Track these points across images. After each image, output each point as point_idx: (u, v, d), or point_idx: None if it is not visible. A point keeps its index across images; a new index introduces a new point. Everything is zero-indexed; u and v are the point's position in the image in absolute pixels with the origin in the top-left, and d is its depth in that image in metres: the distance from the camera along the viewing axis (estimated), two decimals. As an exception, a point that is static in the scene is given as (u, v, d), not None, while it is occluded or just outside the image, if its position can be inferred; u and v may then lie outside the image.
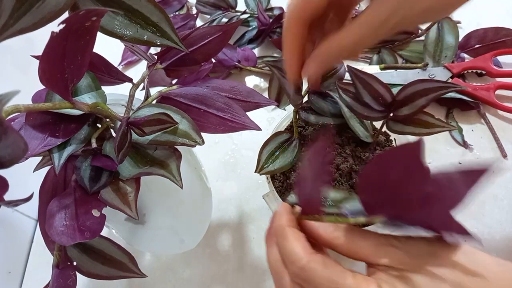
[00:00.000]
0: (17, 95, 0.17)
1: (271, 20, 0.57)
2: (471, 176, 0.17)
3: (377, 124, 0.41)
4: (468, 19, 0.57)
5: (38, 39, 0.27)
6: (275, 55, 0.59)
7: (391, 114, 0.34)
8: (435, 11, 0.23)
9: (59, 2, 0.20)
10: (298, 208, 0.23)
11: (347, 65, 0.34)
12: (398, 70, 0.52)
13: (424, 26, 0.53)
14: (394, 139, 0.41)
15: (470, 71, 0.51)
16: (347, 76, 0.36)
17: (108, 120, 0.30)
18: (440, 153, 0.47)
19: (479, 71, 0.51)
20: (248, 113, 0.31)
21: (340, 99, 0.35)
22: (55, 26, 0.19)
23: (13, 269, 0.45)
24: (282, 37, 0.26)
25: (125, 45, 0.33)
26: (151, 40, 0.25)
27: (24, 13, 0.19)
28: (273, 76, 0.45)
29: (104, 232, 0.28)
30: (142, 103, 0.31)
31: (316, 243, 0.22)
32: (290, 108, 0.40)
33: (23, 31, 0.20)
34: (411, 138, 0.38)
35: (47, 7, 0.20)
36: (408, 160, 0.17)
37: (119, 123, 0.27)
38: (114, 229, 0.36)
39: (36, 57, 0.22)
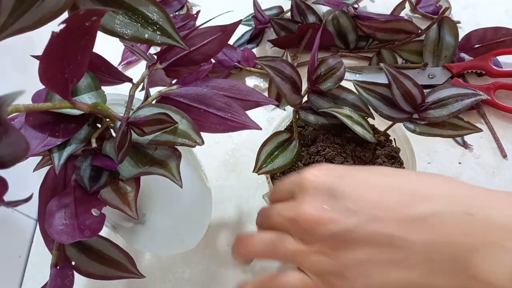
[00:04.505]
0: (22, 93, 0.17)
1: (269, 19, 0.57)
2: None
3: (378, 124, 0.41)
4: (468, 19, 0.57)
5: (38, 39, 0.27)
6: (275, 55, 0.59)
7: (415, 116, 0.34)
8: None
9: (59, 2, 0.20)
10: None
11: (384, 66, 0.34)
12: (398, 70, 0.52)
13: (424, 26, 0.54)
14: (394, 139, 0.41)
15: (470, 71, 0.51)
16: (348, 75, 0.36)
17: (108, 120, 0.30)
18: (440, 153, 0.47)
19: (479, 71, 0.51)
20: (248, 113, 0.31)
21: (362, 98, 0.35)
22: (55, 26, 0.19)
23: (12, 268, 0.45)
24: None
25: (124, 45, 0.34)
26: (152, 38, 0.25)
27: (24, 12, 0.19)
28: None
29: (104, 232, 0.28)
30: (142, 103, 0.31)
31: None
32: (290, 108, 0.40)
33: (23, 30, 0.20)
34: (419, 138, 0.37)
35: (47, 7, 0.20)
36: None
37: (119, 123, 0.27)
38: (113, 229, 0.36)
39: (36, 57, 0.22)
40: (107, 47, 0.35)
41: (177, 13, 0.65)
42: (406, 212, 0.22)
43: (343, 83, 0.38)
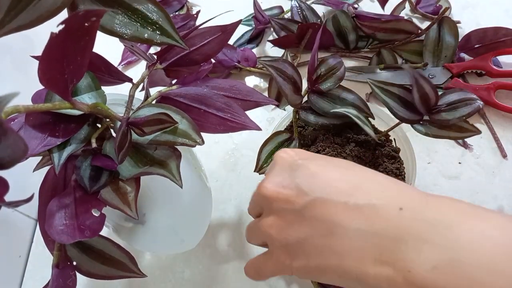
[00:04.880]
0: (17, 95, 0.17)
1: (269, 19, 0.57)
2: None
3: (378, 124, 0.41)
4: (468, 19, 0.57)
5: (38, 39, 0.27)
6: (275, 55, 0.59)
7: (425, 117, 0.34)
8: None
9: (56, 0, 0.20)
10: None
11: (410, 70, 0.34)
12: (397, 70, 0.53)
13: (423, 26, 0.54)
14: (394, 139, 0.41)
15: (470, 71, 0.51)
16: (348, 75, 0.36)
17: (108, 120, 0.30)
18: (440, 153, 0.47)
19: (478, 71, 0.51)
20: (248, 113, 0.31)
21: (381, 101, 0.35)
22: (54, 25, 0.19)
23: (12, 268, 0.45)
24: None
25: (124, 45, 0.34)
26: (151, 38, 0.25)
27: (21, 11, 0.19)
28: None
29: (104, 232, 0.28)
30: (142, 103, 0.31)
31: None
32: (290, 108, 0.40)
33: (20, 28, 0.20)
34: (419, 138, 0.37)
35: (44, 5, 0.19)
36: None
37: (119, 123, 0.27)
38: (113, 229, 0.36)
39: (36, 57, 0.22)
40: (107, 47, 0.35)
41: (177, 13, 0.65)
42: (346, 200, 0.23)
43: (344, 83, 0.38)
